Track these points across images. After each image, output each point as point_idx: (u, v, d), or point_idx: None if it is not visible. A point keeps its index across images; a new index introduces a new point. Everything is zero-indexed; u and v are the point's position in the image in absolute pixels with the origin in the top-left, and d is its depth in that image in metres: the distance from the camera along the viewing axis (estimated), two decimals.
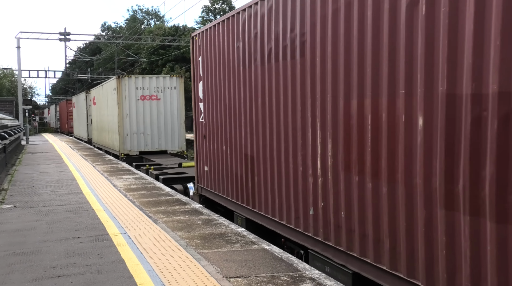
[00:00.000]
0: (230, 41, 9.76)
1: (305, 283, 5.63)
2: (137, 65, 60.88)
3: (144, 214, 9.79)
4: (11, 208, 10.93)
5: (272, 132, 8.17)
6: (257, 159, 8.78)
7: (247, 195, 9.31)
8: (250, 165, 9.10)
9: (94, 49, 75.94)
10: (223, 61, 10.19)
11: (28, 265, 6.63)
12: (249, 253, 6.88)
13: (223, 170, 10.52)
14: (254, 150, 8.89)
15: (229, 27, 9.79)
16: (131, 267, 6.41)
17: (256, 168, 8.84)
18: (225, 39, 10.03)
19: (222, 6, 67.31)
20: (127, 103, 22.23)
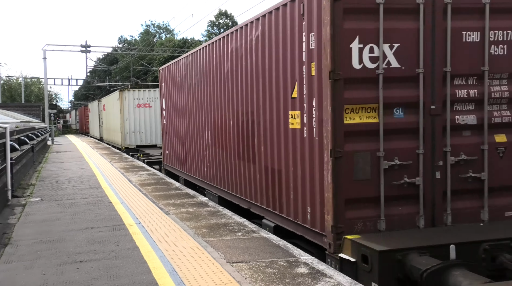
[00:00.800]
0: (175, 75, 14.61)
1: (299, 267, 5.63)
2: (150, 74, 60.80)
3: (156, 206, 9.79)
4: (38, 201, 10.93)
5: (193, 130, 12.96)
6: (188, 144, 13.53)
7: (184, 165, 14.17)
8: (184, 148, 13.99)
9: (111, 59, 75.86)
10: (173, 86, 14.97)
11: (53, 252, 6.63)
12: (250, 241, 6.87)
13: (174, 152, 15.37)
14: (187, 139, 13.62)
15: (174, 68, 14.80)
16: (145, 253, 6.41)
17: (188, 149, 13.58)
18: (173, 74, 14.99)
19: (226, 21, 67.28)
20: (127, 110, 26.37)
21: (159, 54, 58.58)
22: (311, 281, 5.15)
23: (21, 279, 5.54)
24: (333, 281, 5.14)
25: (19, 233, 7.86)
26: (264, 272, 5.49)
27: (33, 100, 66.04)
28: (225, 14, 67.16)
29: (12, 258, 6.40)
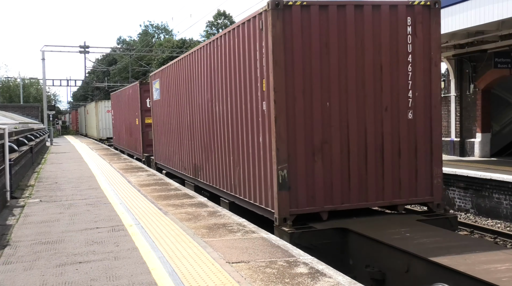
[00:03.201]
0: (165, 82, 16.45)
1: (299, 267, 5.63)
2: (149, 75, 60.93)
3: (156, 206, 9.79)
4: (37, 202, 10.92)
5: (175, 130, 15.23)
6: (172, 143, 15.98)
7: (165, 159, 17.24)
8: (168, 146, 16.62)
9: (110, 60, 75.79)
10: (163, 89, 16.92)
11: (52, 253, 6.63)
12: (249, 241, 6.87)
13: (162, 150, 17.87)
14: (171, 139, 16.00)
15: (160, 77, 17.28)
16: (144, 254, 6.41)
17: (171, 148, 16.06)
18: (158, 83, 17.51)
19: (224, 21, 67.28)
20: (100, 114, 41.45)
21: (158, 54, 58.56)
22: (311, 281, 5.15)
23: (21, 280, 5.54)
24: (333, 280, 5.14)
25: (18, 234, 7.86)
26: (263, 272, 5.49)
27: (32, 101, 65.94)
28: (223, 14, 67.16)
29: (11, 259, 6.39)
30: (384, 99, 8.38)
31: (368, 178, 8.36)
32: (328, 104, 8.15)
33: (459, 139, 19.04)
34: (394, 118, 8.45)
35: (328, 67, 8.11)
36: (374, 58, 8.30)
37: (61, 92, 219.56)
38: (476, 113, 18.46)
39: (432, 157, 8.65)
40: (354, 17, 8.18)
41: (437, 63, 8.60)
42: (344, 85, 8.19)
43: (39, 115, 45.81)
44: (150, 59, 62.02)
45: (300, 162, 8.05)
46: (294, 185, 8.00)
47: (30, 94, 71.09)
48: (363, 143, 8.34)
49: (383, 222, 8.11)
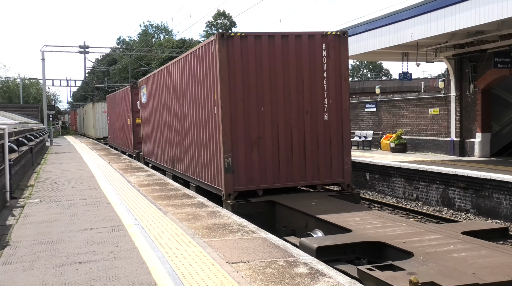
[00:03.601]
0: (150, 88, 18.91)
1: (299, 267, 5.63)
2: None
3: (155, 207, 9.79)
4: (37, 202, 10.92)
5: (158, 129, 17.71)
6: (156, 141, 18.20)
7: (151, 154, 19.65)
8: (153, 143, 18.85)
9: (110, 60, 75.75)
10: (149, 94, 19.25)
11: (52, 253, 6.63)
12: (249, 241, 6.87)
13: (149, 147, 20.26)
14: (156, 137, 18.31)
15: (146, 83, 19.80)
16: (144, 254, 6.41)
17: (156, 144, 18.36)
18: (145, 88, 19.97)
19: (224, 21, 67.29)
20: (97, 114, 43.11)
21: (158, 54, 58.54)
22: (311, 281, 5.15)
23: (20, 280, 5.54)
24: (333, 281, 5.14)
25: (18, 234, 7.85)
26: (263, 272, 5.49)
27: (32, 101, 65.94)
28: (223, 14, 67.16)
29: (11, 259, 6.39)
30: (305, 105, 11.06)
31: (294, 164, 11.05)
32: (262, 109, 10.84)
33: (459, 139, 19.04)
34: (313, 120, 11.14)
35: (261, 81, 10.78)
36: (297, 75, 10.96)
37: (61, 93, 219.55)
38: (476, 113, 18.46)
39: (343, 149, 11.35)
40: (281, 44, 10.82)
41: (346, 78, 11.25)
42: (274, 95, 10.87)
43: (39, 116, 45.80)
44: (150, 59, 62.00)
45: (241, 152, 10.74)
46: (237, 169, 10.70)
47: (30, 94, 71.10)
48: (289, 138, 11.04)
49: (302, 197, 10.82)
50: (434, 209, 14.93)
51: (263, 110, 10.84)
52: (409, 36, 16.32)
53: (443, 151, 19.82)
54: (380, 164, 17.62)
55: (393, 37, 17.13)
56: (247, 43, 10.65)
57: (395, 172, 17.00)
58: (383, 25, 17.56)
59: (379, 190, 17.96)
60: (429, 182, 15.51)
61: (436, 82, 29.46)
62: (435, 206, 15.25)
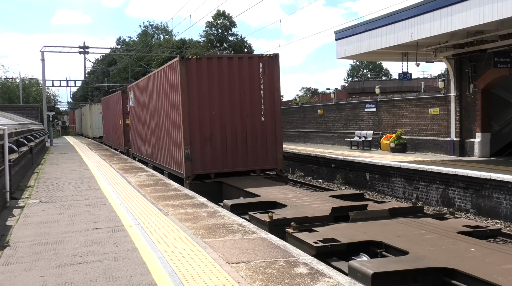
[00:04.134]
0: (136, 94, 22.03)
1: (299, 268, 5.63)
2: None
3: (155, 207, 9.79)
4: (37, 202, 10.92)
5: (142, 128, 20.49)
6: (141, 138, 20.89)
7: (138, 150, 22.42)
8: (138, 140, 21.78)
9: (110, 60, 75.71)
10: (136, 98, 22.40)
11: (52, 253, 6.63)
12: (249, 241, 6.87)
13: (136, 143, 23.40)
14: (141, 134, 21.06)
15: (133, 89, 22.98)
16: (144, 254, 6.41)
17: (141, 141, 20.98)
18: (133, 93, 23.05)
19: (224, 21, 67.25)
20: (94, 115, 45.84)
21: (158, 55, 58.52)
22: (310, 281, 5.15)
23: (20, 281, 5.54)
24: (332, 281, 5.14)
25: (18, 234, 7.85)
26: (263, 273, 5.49)
27: (32, 102, 65.93)
28: (223, 14, 67.11)
29: (11, 260, 6.39)
30: (246, 110, 14.38)
31: (238, 154, 14.38)
32: (213, 113, 14.12)
33: (459, 139, 19.04)
34: (253, 121, 14.46)
35: (212, 92, 14.07)
36: (240, 87, 14.30)
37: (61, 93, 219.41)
38: (475, 113, 18.46)
39: (276, 143, 14.67)
40: (227, 64, 14.19)
41: (278, 89, 14.62)
42: (222, 102, 14.17)
43: (39, 116, 45.78)
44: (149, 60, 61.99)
45: (197, 145, 14.11)
46: (194, 158, 14.10)
47: (30, 95, 71.08)
48: (234, 135, 14.35)
49: (243, 178, 13.87)
50: (434, 209, 14.94)
51: (214, 114, 14.19)
52: (408, 36, 16.31)
53: (443, 151, 19.81)
54: (380, 164, 17.64)
55: (393, 37, 17.11)
56: (201, 63, 13.98)
57: (395, 172, 17.02)
58: (382, 25, 17.55)
59: (379, 190, 17.98)
60: (429, 182, 15.51)
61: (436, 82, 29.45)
62: (435, 206, 15.25)
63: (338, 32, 20.38)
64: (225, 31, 67.61)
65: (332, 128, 28.72)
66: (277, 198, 10.58)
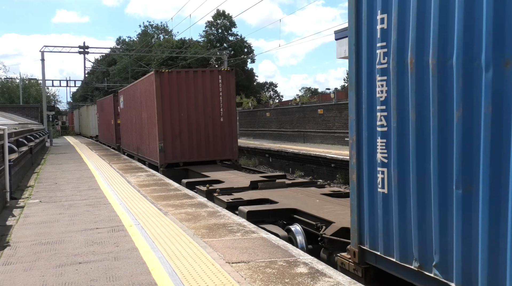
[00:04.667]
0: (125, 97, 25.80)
1: (299, 267, 5.63)
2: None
3: (155, 207, 9.79)
4: (37, 202, 10.92)
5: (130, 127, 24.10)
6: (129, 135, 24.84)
7: (126, 146, 26.26)
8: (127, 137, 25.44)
9: (110, 60, 75.71)
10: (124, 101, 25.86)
11: (52, 253, 6.63)
12: (249, 241, 6.87)
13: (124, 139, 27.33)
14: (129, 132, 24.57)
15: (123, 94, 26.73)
16: (144, 254, 6.41)
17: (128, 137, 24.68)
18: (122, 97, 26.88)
19: (224, 21, 67.24)
20: (90, 116, 50.29)
21: (157, 55, 58.48)
22: (311, 281, 5.15)
23: (20, 281, 5.54)
24: (333, 280, 5.14)
25: (18, 234, 7.85)
26: (263, 272, 5.49)
27: (32, 102, 65.93)
28: (222, 14, 67.09)
29: (11, 260, 6.39)
30: (208, 112, 17.84)
31: (201, 147, 17.88)
32: (182, 114, 17.56)
33: None
34: (214, 121, 17.93)
35: (181, 98, 17.52)
36: (204, 94, 17.76)
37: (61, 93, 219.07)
38: None
39: (232, 138, 18.16)
40: (193, 76, 17.62)
41: (233, 96, 18.11)
42: (189, 106, 17.62)
43: (39, 116, 45.78)
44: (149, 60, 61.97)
45: (168, 140, 17.58)
46: (166, 150, 17.57)
47: (30, 95, 71.06)
48: (199, 132, 17.83)
49: (205, 166, 17.09)
50: None
51: (182, 115, 17.63)
52: None
53: None
54: None
55: None
56: (172, 76, 17.52)
57: None
58: None
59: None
60: None
61: None
62: None
63: (338, 32, 20.38)
64: (225, 31, 67.57)
65: (332, 128, 28.71)
66: (221, 177, 13.85)
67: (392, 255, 5.19)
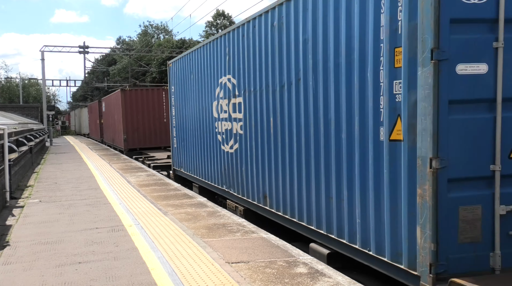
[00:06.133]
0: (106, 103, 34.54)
1: (298, 267, 5.63)
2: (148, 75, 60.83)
3: (155, 207, 9.79)
4: (37, 202, 10.92)
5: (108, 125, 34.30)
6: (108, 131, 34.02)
7: (107, 138, 34.50)
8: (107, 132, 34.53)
9: (110, 60, 75.66)
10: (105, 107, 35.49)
11: (52, 253, 6.63)
12: (249, 241, 6.88)
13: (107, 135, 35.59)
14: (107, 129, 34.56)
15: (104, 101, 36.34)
16: (144, 254, 6.41)
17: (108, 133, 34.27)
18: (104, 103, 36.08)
19: (224, 21, 67.24)
20: (83, 116, 56.02)
21: (157, 55, 58.49)
22: (310, 281, 5.15)
23: (20, 281, 5.54)
24: (332, 280, 5.14)
25: (17, 234, 7.85)
26: (263, 272, 5.49)
27: (32, 101, 65.92)
28: (222, 14, 67.11)
29: (11, 260, 6.39)
30: (156, 115, 24.92)
31: (152, 138, 25.10)
32: (139, 117, 24.95)
33: None
34: (160, 121, 24.81)
35: (138, 106, 25.04)
36: (153, 103, 25.10)
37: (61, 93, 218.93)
38: None
39: None
40: (146, 92, 25.53)
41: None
42: (144, 112, 25.04)
43: (39, 116, 45.78)
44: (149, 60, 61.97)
45: (130, 133, 24.98)
46: (128, 139, 24.96)
47: (30, 94, 71.05)
48: (149, 128, 24.94)
49: (153, 150, 24.41)
50: None
51: (139, 117, 25.00)
52: None
53: None
54: None
55: None
56: (132, 92, 25.41)
57: None
58: None
59: None
60: None
61: None
62: None
63: None
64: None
65: None
66: (156, 155, 22.10)
67: None
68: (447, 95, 4.56)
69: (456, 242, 4.67)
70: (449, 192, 4.63)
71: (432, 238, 4.58)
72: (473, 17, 4.62)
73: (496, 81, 4.69)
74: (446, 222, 4.62)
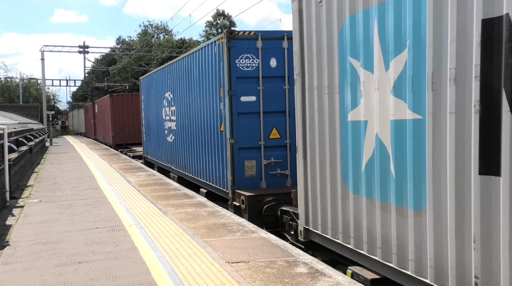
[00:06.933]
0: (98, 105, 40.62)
1: (299, 267, 5.63)
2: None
3: (155, 206, 9.78)
4: (36, 202, 10.91)
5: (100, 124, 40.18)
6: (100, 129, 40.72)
7: (99, 136, 41.72)
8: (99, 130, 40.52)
9: (110, 60, 75.60)
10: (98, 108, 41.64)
11: (52, 253, 6.62)
12: (249, 241, 6.87)
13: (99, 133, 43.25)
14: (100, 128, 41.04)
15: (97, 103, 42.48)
16: (144, 253, 6.41)
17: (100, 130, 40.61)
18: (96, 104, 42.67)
19: (223, 21, 67.22)
20: (80, 116, 60.58)
21: (157, 54, 58.48)
22: (310, 281, 5.15)
23: (20, 280, 5.53)
24: (332, 280, 5.14)
25: (17, 234, 7.85)
26: (263, 272, 5.49)
27: (32, 101, 65.92)
28: (222, 14, 67.10)
29: (11, 259, 6.39)
30: (135, 117, 28.38)
31: (135, 135, 29.04)
32: (124, 118, 30.45)
33: None
34: (138, 122, 26.35)
35: (123, 109, 30.56)
36: (137, 107, 26.81)
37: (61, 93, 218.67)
38: None
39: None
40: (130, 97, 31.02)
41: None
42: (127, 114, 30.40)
43: (39, 116, 45.78)
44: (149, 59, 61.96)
45: (118, 131, 30.75)
46: (115, 136, 30.79)
47: (30, 94, 71.06)
48: (132, 127, 29.98)
49: (137, 145, 28.51)
50: None
51: (125, 118, 29.87)
52: None
53: None
54: None
55: None
56: (119, 97, 30.82)
57: None
58: None
59: None
60: None
61: None
62: None
63: None
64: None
65: None
66: (137, 149, 26.02)
67: None
68: (236, 110, 9.86)
69: (243, 176, 9.94)
70: (239, 154, 9.91)
71: (231, 174, 9.95)
72: (247, 76, 9.84)
73: (260, 104, 9.91)
74: (238, 167, 9.92)
